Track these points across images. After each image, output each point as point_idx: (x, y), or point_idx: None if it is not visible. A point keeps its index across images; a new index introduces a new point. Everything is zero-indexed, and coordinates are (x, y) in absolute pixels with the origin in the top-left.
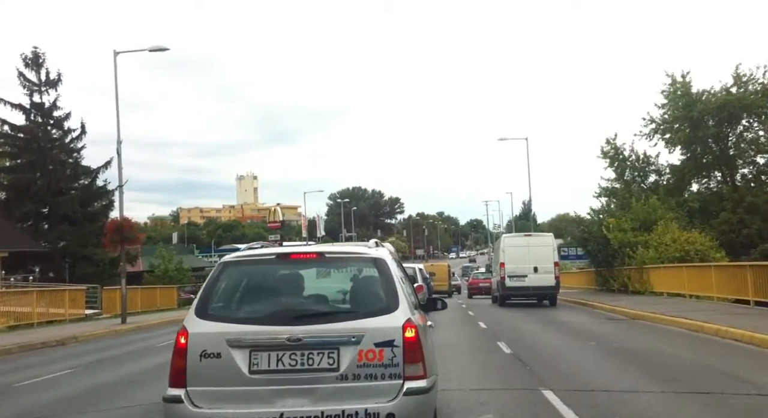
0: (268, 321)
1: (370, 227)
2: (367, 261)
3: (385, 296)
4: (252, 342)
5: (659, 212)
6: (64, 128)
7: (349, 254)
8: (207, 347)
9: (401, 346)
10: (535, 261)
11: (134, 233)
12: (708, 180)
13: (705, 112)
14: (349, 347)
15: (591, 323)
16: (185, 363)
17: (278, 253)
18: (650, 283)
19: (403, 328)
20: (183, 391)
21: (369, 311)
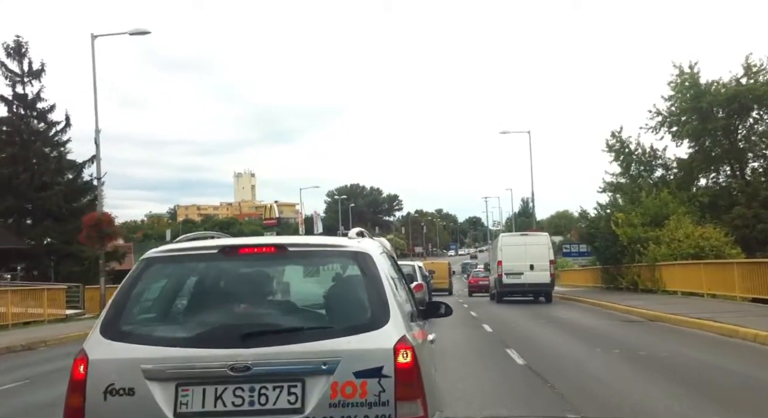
0: (203, 342)
1: (368, 224)
2: (345, 257)
3: (371, 304)
4: (179, 372)
5: (671, 206)
6: (48, 121)
7: (321, 247)
8: (115, 380)
9: (392, 376)
10: (531, 259)
11: (113, 228)
12: (717, 174)
13: (714, 103)
14: (318, 378)
15: (606, 325)
16: (83, 402)
17: (222, 246)
18: (663, 281)
19: (395, 350)
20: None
21: (347, 326)
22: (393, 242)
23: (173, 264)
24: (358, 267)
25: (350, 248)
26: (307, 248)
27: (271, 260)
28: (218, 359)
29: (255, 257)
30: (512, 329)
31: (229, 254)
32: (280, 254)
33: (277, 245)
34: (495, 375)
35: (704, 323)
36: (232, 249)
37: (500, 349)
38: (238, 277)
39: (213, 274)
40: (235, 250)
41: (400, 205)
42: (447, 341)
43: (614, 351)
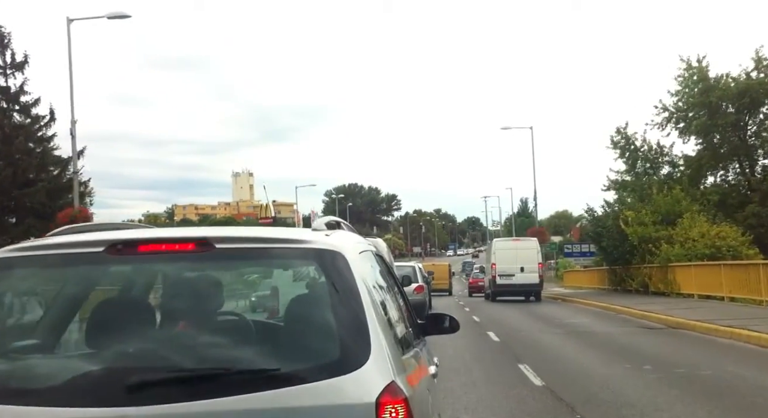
0: (71, 397)
1: (366, 223)
2: (305, 257)
3: (343, 332)
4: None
5: (683, 203)
6: (32, 115)
7: (268, 243)
8: None
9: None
10: (521, 262)
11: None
12: (726, 172)
13: (724, 98)
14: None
15: (625, 333)
16: None
17: (110, 241)
18: (676, 283)
19: (378, 405)
20: None
21: (304, 367)
22: (391, 242)
23: (35, 270)
24: (324, 274)
25: (313, 244)
26: (245, 243)
27: (188, 262)
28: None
29: (161, 259)
30: (521, 337)
31: (121, 254)
32: (203, 252)
33: (197, 240)
34: (511, 403)
35: (737, 331)
36: (126, 246)
37: (512, 364)
38: (132, 291)
39: (94, 284)
40: (130, 247)
41: (398, 205)
42: (449, 353)
43: (645, 368)
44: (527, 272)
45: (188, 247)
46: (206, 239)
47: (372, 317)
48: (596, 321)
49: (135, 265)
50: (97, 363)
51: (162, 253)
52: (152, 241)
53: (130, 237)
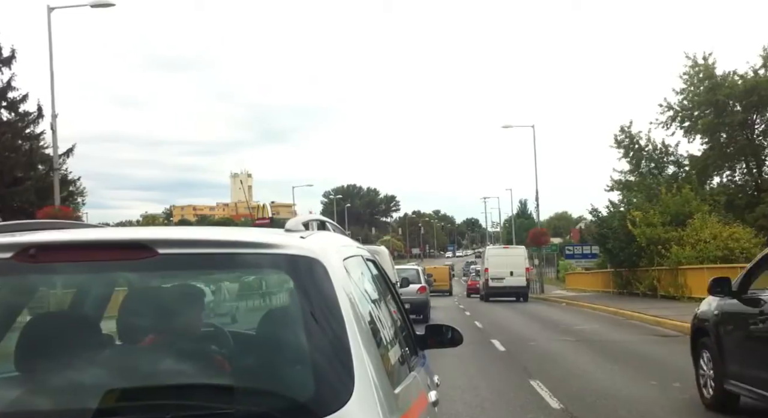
0: None
1: (364, 225)
2: (273, 266)
3: (319, 361)
4: None
5: (693, 204)
6: (20, 111)
7: (226, 247)
8: None
9: None
10: (511, 267)
11: None
12: (732, 172)
13: (731, 96)
14: None
15: (640, 342)
16: None
17: (23, 245)
18: (687, 286)
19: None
20: None
21: (269, 408)
22: (390, 243)
23: None
24: (297, 286)
25: (284, 249)
26: (197, 248)
27: (124, 271)
28: None
29: (88, 267)
30: (529, 347)
31: (38, 261)
32: (143, 259)
33: (135, 244)
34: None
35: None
36: (43, 251)
37: (522, 381)
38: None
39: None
40: (48, 252)
41: (397, 206)
42: (451, 365)
43: (674, 385)
44: (516, 275)
45: (125, 253)
46: (146, 243)
47: (357, 340)
48: (607, 327)
49: (52, 275)
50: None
51: (89, 260)
52: (77, 245)
53: (48, 240)
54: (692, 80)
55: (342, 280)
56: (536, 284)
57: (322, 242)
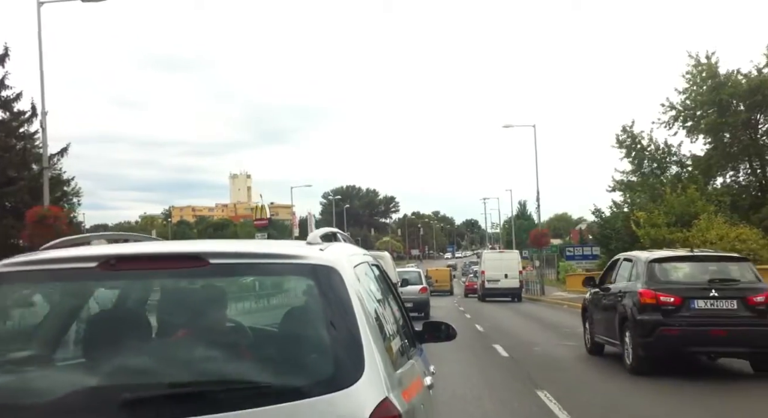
0: (64, 413)
1: (363, 226)
2: (299, 273)
3: (336, 348)
4: None
5: (699, 204)
6: (13, 110)
7: (261, 258)
8: None
9: None
10: (505, 270)
11: (61, 225)
12: (736, 172)
13: (734, 95)
14: None
15: None
16: None
17: (104, 257)
18: None
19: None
20: None
21: (298, 384)
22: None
23: (28, 284)
24: (318, 289)
25: (307, 259)
26: (239, 259)
27: (183, 277)
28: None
29: (155, 275)
30: (533, 353)
31: (116, 269)
32: (197, 268)
33: (191, 256)
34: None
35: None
36: (120, 261)
37: (529, 391)
38: (126, 306)
39: (86, 301)
40: (124, 262)
41: (396, 207)
42: (454, 372)
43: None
44: (510, 277)
45: (182, 263)
46: (200, 255)
47: (366, 332)
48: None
49: (128, 280)
50: (90, 379)
51: (159, 270)
52: (146, 256)
53: (125, 252)
54: (695, 79)
55: (353, 284)
56: (536, 285)
57: (337, 253)
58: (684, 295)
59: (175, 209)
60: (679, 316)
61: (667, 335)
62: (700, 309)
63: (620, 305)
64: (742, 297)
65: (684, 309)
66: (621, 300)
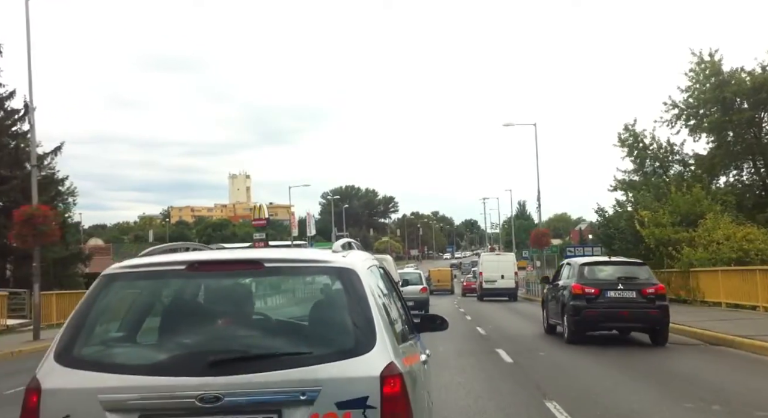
0: (170, 369)
1: (362, 226)
2: (328, 273)
3: (356, 326)
4: (142, 403)
5: (705, 203)
6: (6, 108)
7: (300, 262)
8: (71, 412)
9: (379, 407)
10: (502, 271)
11: (49, 225)
12: (740, 171)
13: (738, 93)
14: (296, 410)
15: (659, 352)
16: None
17: (190, 261)
18: (700, 290)
19: (382, 378)
20: None
21: (329, 351)
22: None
23: (135, 282)
24: (342, 285)
25: (333, 263)
26: (284, 263)
27: (245, 276)
28: (185, 389)
29: (227, 274)
30: (539, 358)
31: (198, 270)
32: (255, 269)
33: (251, 260)
34: None
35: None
36: (201, 265)
37: (537, 402)
38: (208, 296)
39: (180, 293)
40: (204, 266)
41: (395, 207)
42: (456, 381)
43: (714, 408)
44: (506, 278)
45: (247, 267)
46: (257, 260)
47: (377, 316)
48: (618, 335)
49: (208, 278)
50: (188, 347)
51: (229, 271)
52: (220, 261)
53: (202, 258)
54: (698, 77)
55: (367, 281)
56: (537, 286)
57: (354, 258)
58: (601, 287)
59: (174, 210)
60: (598, 302)
61: (589, 315)
62: (611, 297)
63: (561, 295)
64: (639, 289)
65: (601, 297)
66: (562, 292)
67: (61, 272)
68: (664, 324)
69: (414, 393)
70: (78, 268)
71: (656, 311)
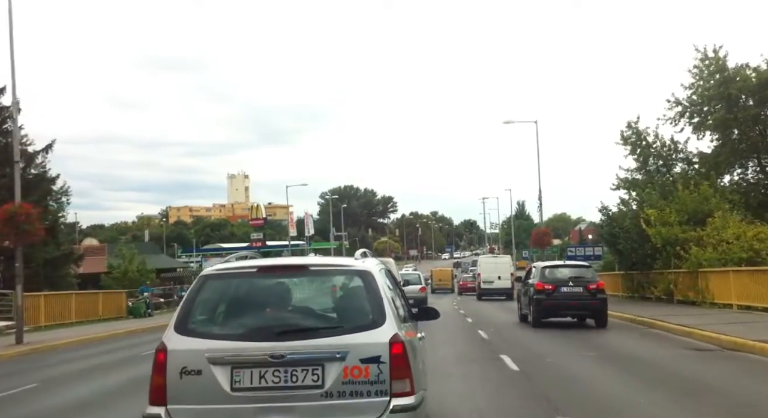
0: (250, 337)
1: (361, 226)
2: (352, 274)
3: (371, 310)
4: (233, 359)
5: (713, 201)
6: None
7: (334, 266)
8: (187, 364)
9: (388, 362)
10: (499, 272)
11: (32, 224)
12: (744, 170)
13: (744, 90)
14: (334, 364)
15: (676, 359)
16: (165, 380)
17: (260, 266)
18: (710, 291)
19: (389, 344)
20: (163, 409)
21: (354, 325)
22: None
23: (224, 279)
24: (362, 282)
25: (356, 267)
26: (323, 267)
27: (297, 276)
28: (261, 350)
29: (285, 275)
30: (547, 366)
31: (266, 272)
32: (304, 271)
33: (301, 266)
34: None
35: None
36: (268, 268)
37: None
38: (273, 289)
39: (254, 286)
40: (270, 269)
41: (394, 207)
42: (458, 392)
43: None
44: (503, 279)
45: (297, 269)
46: (305, 265)
47: (386, 303)
48: (630, 339)
49: (273, 277)
50: (262, 323)
51: (286, 273)
52: (280, 266)
53: (268, 264)
54: (702, 74)
55: (379, 279)
56: None
57: (370, 263)
58: (556, 284)
59: (173, 210)
60: (554, 295)
61: (547, 305)
62: (564, 292)
63: (528, 290)
64: (585, 286)
65: (556, 292)
66: (529, 288)
67: (52, 273)
68: (603, 312)
69: (412, 356)
70: (70, 268)
71: (597, 302)
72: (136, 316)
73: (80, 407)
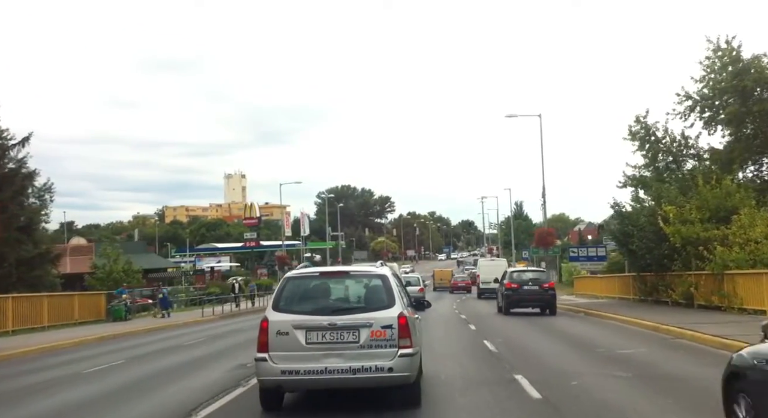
0: (316, 313)
1: (358, 226)
2: (375, 276)
3: (387, 298)
4: (307, 326)
5: (737, 197)
6: None
7: (364, 272)
8: (280, 328)
9: (396, 328)
10: (496, 274)
11: None
12: (759, 166)
13: (759, 81)
14: (365, 329)
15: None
16: (267, 338)
17: (321, 272)
18: (738, 295)
19: (398, 317)
20: (266, 354)
21: (377, 307)
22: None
23: (299, 280)
24: (381, 281)
25: (377, 272)
26: (357, 272)
27: (343, 278)
28: (322, 321)
29: (335, 277)
30: (575, 392)
31: (324, 276)
32: (347, 275)
33: (345, 271)
34: None
35: None
36: (326, 274)
37: None
38: (328, 285)
39: (317, 283)
40: (327, 274)
41: (392, 207)
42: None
43: None
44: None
45: (343, 273)
46: (348, 271)
47: (396, 294)
48: (659, 352)
49: (328, 278)
50: (323, 305)
51: (335, 276)
52: (334, 272)
53: (326, 270)
54: (713, 66)
55: (392, 280)
56: None
57: (386, 269)
58: (519, 284)
59: (169, 209)
60: (518, 292)
61: (513, 299)
62: (525, 289)
63: (502, 288)
64: (540, 285)
65: (520, 289)
66: (503, 287)
67: (26, 273)
68: (553, 304)
69: (412, 325)
70: (48, 269)
71: (549, 296)
72: (116, 318)
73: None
